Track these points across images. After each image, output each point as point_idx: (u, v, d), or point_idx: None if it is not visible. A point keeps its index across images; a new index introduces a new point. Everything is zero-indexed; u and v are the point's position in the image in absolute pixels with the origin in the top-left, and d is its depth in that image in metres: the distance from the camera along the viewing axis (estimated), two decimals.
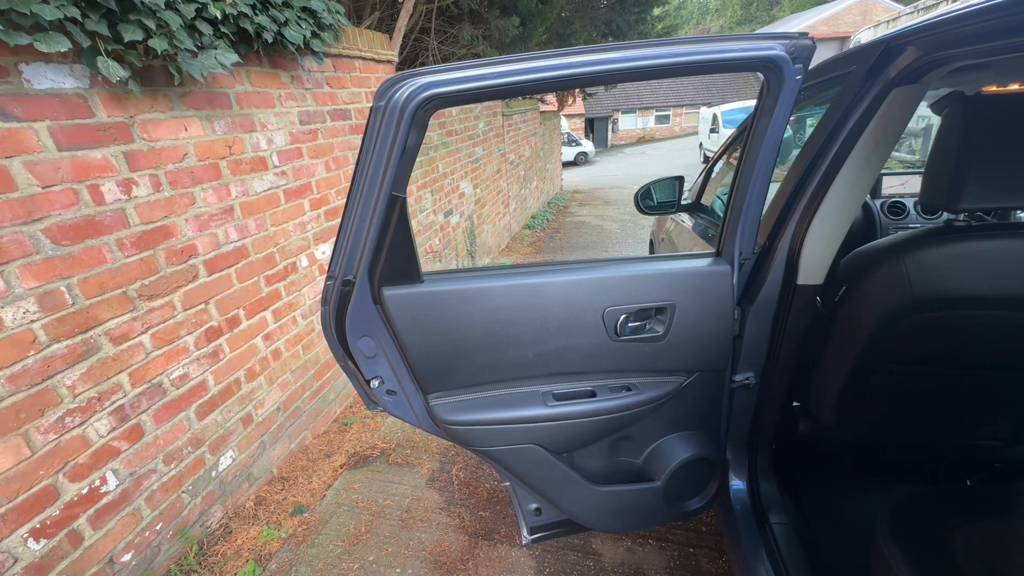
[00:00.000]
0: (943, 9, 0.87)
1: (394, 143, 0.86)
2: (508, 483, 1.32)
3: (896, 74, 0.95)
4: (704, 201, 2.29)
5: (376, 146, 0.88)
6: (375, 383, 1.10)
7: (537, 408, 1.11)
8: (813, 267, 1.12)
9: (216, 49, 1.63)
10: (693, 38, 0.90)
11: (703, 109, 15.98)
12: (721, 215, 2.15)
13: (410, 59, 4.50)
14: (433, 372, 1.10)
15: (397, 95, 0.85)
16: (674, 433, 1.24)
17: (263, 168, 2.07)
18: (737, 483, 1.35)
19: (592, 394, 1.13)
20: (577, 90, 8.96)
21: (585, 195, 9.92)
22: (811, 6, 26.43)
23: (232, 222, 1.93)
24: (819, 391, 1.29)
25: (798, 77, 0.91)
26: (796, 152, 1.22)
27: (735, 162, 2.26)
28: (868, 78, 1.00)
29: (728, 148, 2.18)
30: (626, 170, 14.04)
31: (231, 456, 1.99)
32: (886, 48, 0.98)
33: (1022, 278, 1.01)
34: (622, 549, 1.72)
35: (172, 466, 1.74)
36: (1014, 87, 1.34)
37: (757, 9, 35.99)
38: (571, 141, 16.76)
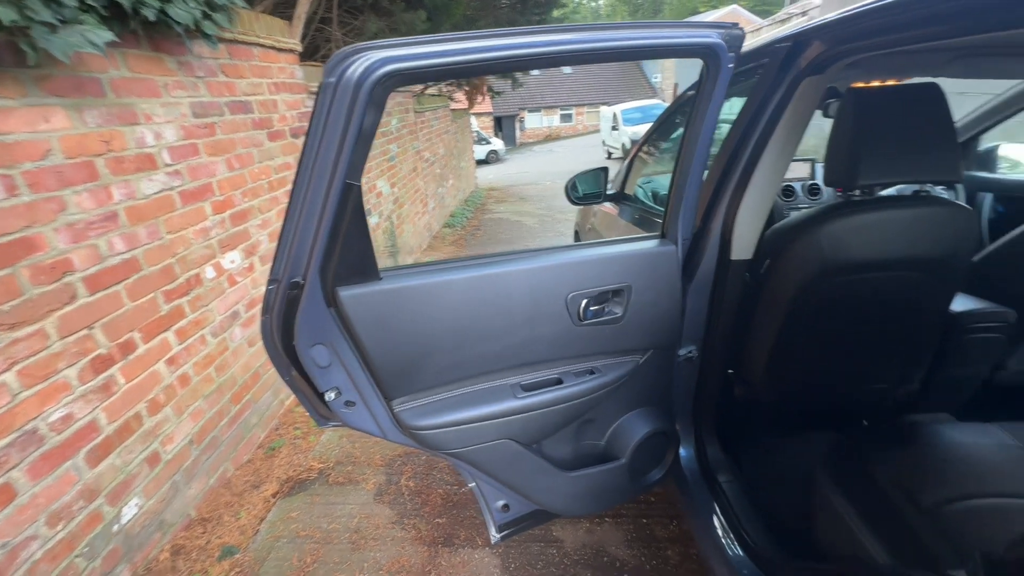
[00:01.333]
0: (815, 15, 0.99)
1: (348, 125, 0.78)
2: (473, 484, 1.27)
3: (806, 65, 1.06)
4: (627, 191, 2.41)
5: (326, 128, 0.79)
6: (331, 395, 0.99)
7: (508, 401, 1.08)
8: (743, 244, 1.22)
9: (82, 25, 1.37)
10: (645, 23, 0.93)
11: (603, 108, 16.93)
12: (646, 202, 2.30)
13: (311, 50, 4.20)
14: (398, 376, 1.02)
15: (351, 70, 0.77)
16: (633, 411, 1.28)
17: (152, 167, 1.79)
18: (686, 450, 1.44)
19: (559, 381, 1.13)
20: (486, 88, 9.01)
21: (501, 192, 10.02)
22: (688, 15, 29.22)
23: (117, 230, 1.65)
24: (751, 357, 1.41)
25: (731, 65, 0.98)
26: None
27: (656, 152, 2.42)
28: (781, 69, 1.11)
29: (648, 139, 2.32)
30: (537, 167, 14.43)
31: (136, 504, 1.70)
32: (795, 42, 1.09)
33: (904, 242, 1.19)
34: (582, 531, 1.76)
35: (60, 527, 1.44)
36: (875, 83, 1.57)
37: (642, 16, 39.01)
38: (481, 139, 16.83)
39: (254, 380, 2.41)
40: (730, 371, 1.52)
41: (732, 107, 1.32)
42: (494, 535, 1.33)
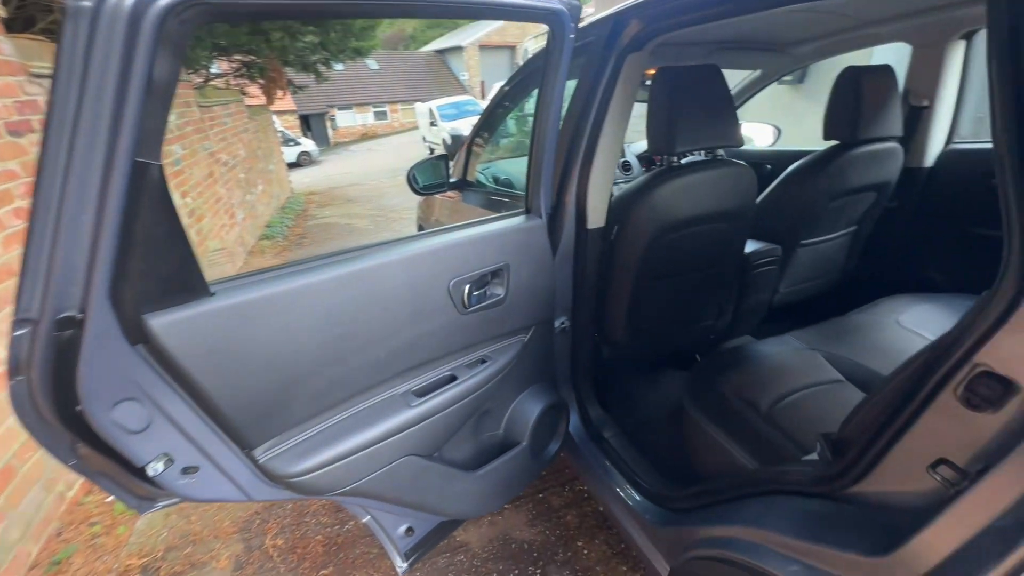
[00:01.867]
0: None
1: (128, 73, 0.54)
2: (367, 517, 1.11)
3: (628, 42, 1.16)
4: (469, 178, 2.40)
5: (86, 81, 0.54)
6: (157, 467, 0.72)
7: (402, 413, 0.95)
8: (596, 214, 1.30)
9: None
10: None
11: (418, 105, 16.83)
12: (491, 186, 2.31)
13: (26, 22, 3.12)
14: (257, 417, 0.79)
15: None
16: (525, 391, 1.27)
17: None
18: (572, 416, 1.50)
19: (453, 378, 1.04)
20: (285, 81, 8.05)
21: (323, 196, 9.17)
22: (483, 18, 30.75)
23: None
24: (612, 318, 1.53)
25: (572, 35, 1.01)
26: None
27: (492, 138, 2.45)
28: (607, 46, 1.19)
29: (482, 126, 2.33)
30: (358, 167, 13.62)
31: None
32: (616, 21, 1.19)
33: (713, 199, 1.42)
34: (484, 527, 1.71)
35: None
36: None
37: None
38: (289, 140, 15.12)
39: (4, 478, 1.71)
40: (596, 335, 1.63)
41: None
42: (401, 565, 1.19)
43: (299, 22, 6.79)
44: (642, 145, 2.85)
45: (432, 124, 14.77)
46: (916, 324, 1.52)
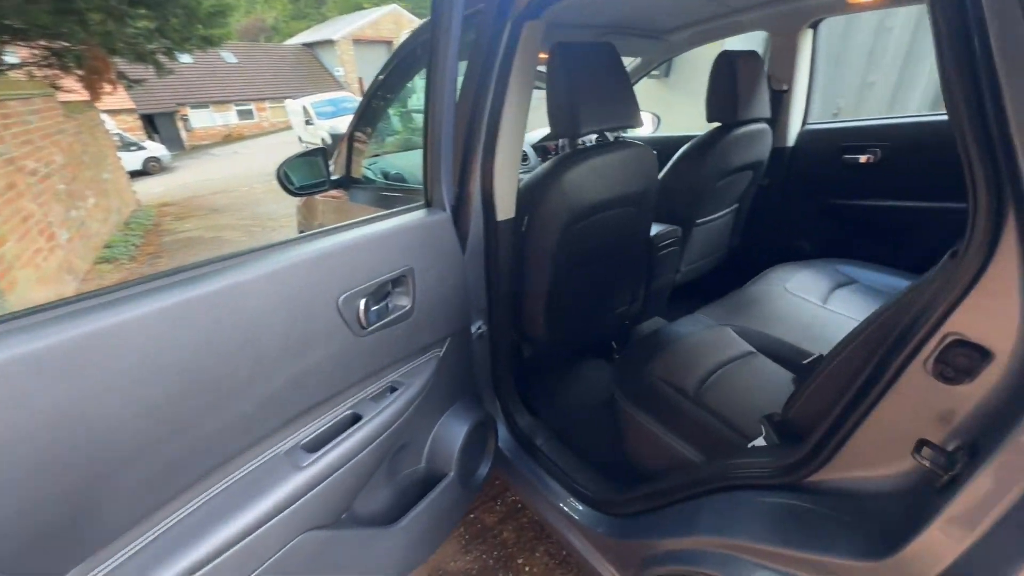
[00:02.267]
0: None
1: None
2: None
3: (522, 10, 1.04)
4: (355, 174, 2.13)
5: None
6: None
7: (289, 479, 0.72)
8: (505, 203, 1.17)
9: None
10: None
11: (288, 102, 15.39)
12: (382, 181, 2.08)
13: None
14: (38, 543, 0.53)
15: None
16: (446, 412, 1.11)
17: None
18: (500, 428, 1.37)
19: (356, 418, 0.84)
20: (114, 73, 6.74)
21: (180, 207, 7.90)
22: (352, 10, 29.23)
23: None
24: (530, 315, 1.43)
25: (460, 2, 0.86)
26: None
27: (377, 129, 2.20)
28: (501, 13, 1.07)
29: (364, 116, 2.08)
30: (224, 172, 12.03)
31: None
32: None
33: (620, 182, 1.38)
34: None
35: None
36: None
37: (306, 6, 36.85)
38: (130, 144, 12.84)
39: None
40: (515, 335, 1.52)
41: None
42: None
43: (125, 3, 5.72)
44: (537, 134, 2.80)
45: (308, 123, 13.59)
46: (800, 289, 1.65)
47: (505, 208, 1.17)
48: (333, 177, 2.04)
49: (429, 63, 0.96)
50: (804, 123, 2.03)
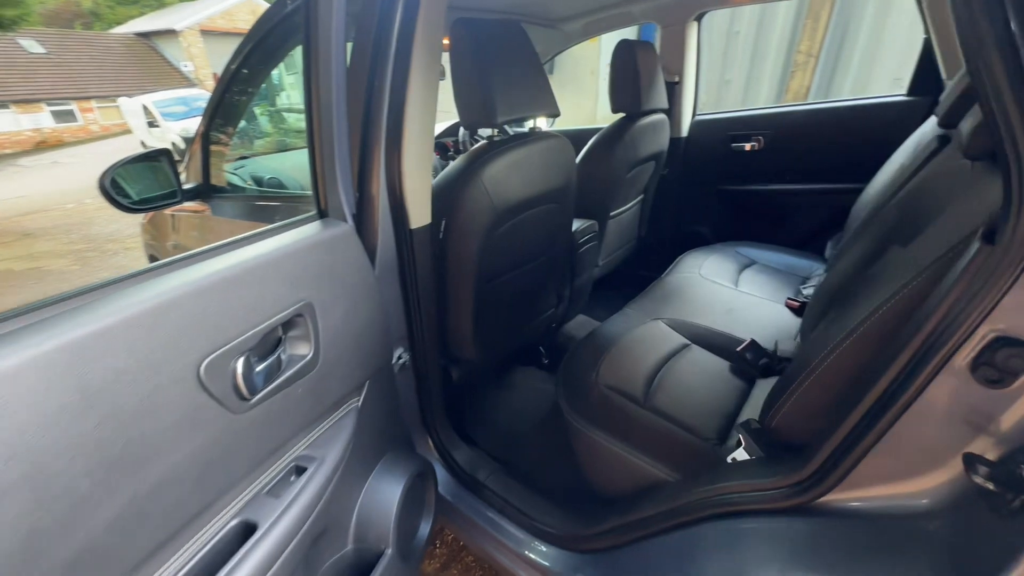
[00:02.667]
0: None
1: None
2: None
3: None
4: (216, 182, 1.74)
5: None
6: None
7: None
8: (419, 207, 0.98)
9: None
10: None
11: (124, 101, 13.00)
12: (258, 188, 1.72)
13: None
14: None
15: None
16: (372, 474, 0.88)
17: None
18: (438, 469, 1.18)
19: (249, 529, 0.59)
20: None
21: None
22: None
23: None
24: (457, 333, 1.25)
25: None
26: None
27: (241, 127, 1.82)
28: None
29: (220, 111, 1.69)
30: (39, 188, 9.75)
31: None
32: None
33: (542, 177, 1.25)
34: None
35: None
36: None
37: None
38: None
39: None
40: (442, 358, 1.33)
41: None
42: None
43: None
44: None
45: (152, 125, 11.60)
46: (713, 274, 1.69)
47: (419, 213, 0.98)
48: (187, 186, 1.64)
49: (306, 44, 0.73)
50: (694, 114, 2.12)
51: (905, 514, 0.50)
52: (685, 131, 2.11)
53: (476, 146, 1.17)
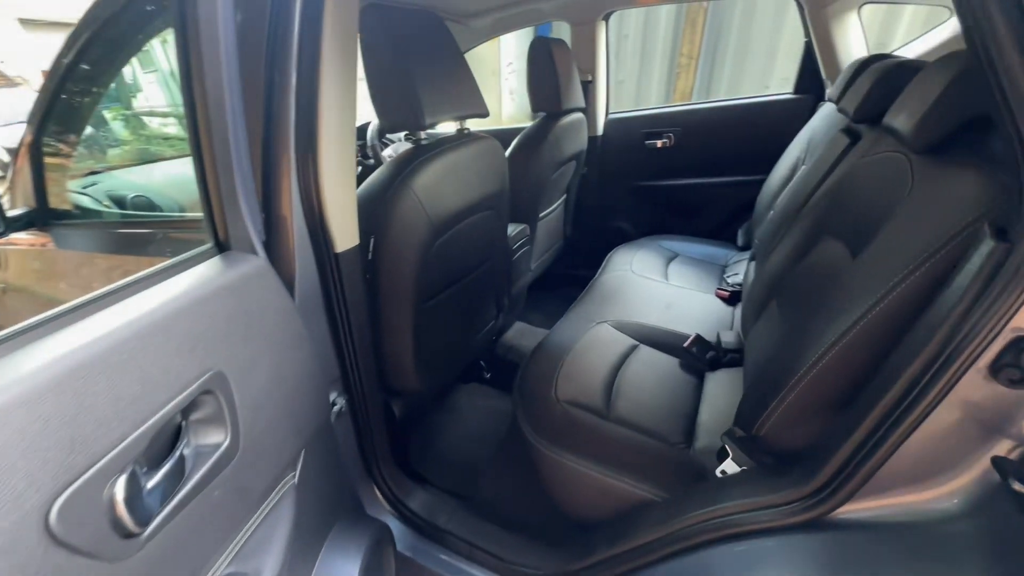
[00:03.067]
0: None
1: None
2: None
3: None
4: (58, 205, 1.37)
5: None
6: None
7: None
8: (344, 226, 0.82)
9: None
10: None
11: None
12: (118, 204, 1.38)
13: None
14: None
15: None
16: (319, 560, 0.71)
17: None
18: (389, 521, 1.03)
19: None
20: None
21: None
22: None
23: None
24: (398, 364, 1.11)
25: None
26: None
27: (85, 135, 1.45)
28: None
29: (54, 113, 1.33)
30: None
31: None
32: None
33: (477, 182, 1.15)
34: None
35: None
36: None
37: None
38: None
39: None
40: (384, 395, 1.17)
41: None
42: None
43: None
44: None
45: None
46: (644, 270, 1.71)
47: (345, 232, 0.82)
48: (13, 212, 1.27)
49: (181, 28, 0.55)
50: (607, 112, 2.15)
51: (933, 519, 0.49)
52: (601, 130, 2.13)
53: (402, 152, 1.03)
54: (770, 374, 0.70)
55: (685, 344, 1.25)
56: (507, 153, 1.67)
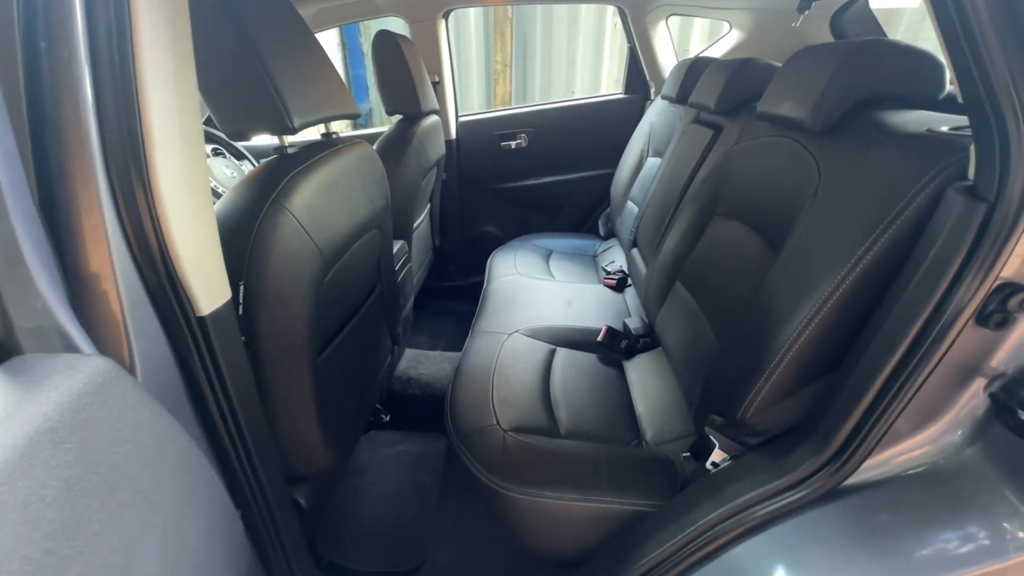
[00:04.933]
0: None
1: None
2: None
3: None
4: None
5: None
6: None
7: None
8: (208, 275, 0.57)
9: None
10: None
11: None
12: None
13: None
14: None
15: None
16: None
17: None
18: None
19: None
20: None
21: None
22: None
23: None
24: (300, 442, 0.84)
25: None
26: None
27: None
28: None
29: None
30: None
31: None
32: None
33: (361, 198, 0.95)
34: None
35: None
36: None
37: None
38: None
39: None
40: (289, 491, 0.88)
41: None
42: None
43: None
44: None
45: None
46: (529, 272, 1.70)
47: (211, 285, 0.57)
48: None
49: None
50: (458, 115, 2.07)
51: (943, 456, 0.55)
52: (454, 133, 2.04)
53: (264, 163, 0.78)
54: (743, 355, 0.71)
55: (599, 338, 1.26)
56: None
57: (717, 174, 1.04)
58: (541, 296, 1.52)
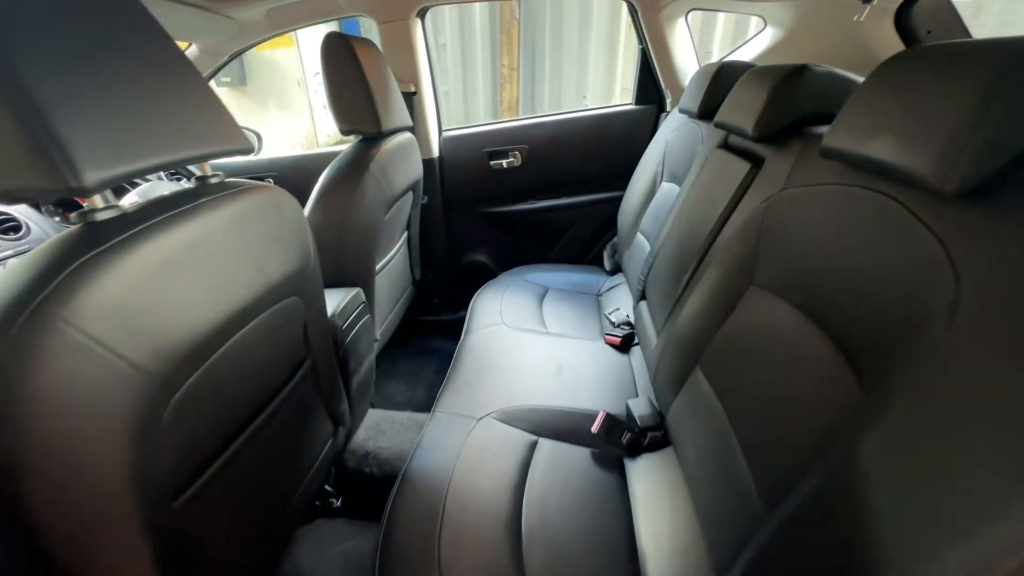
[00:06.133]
0: None
1: None
2: None
3: None
4: None
5: None
6: None
7: None
8: None
9: None
10: None
11: None
12: None
13: None
14: None
15: None
16: None
17: None
18: None
19: None
20: None
21: None
22: None
23: None
24: None
25: None
26: None
27: None
28: None
29: None
30: None
31: None
32: None
33: (253, 269, 0.67)
34: None
35: None
36: None
37: None
38: None
39: None
40: None
41: None
42: None
43: None
44: None
45: None
46: (517, 319, 1.41)
47: None
48: None
49: None
50: (441, 130, 1.80)
51: None
52: (436, 151, 1.77)
53: (46, 244, 0.51)
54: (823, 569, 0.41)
55: (594, 429, 0.96)
56: (313, 198, 1.20)
57: (758, 227, 0.74)
58: (527, 358, 1.23)
